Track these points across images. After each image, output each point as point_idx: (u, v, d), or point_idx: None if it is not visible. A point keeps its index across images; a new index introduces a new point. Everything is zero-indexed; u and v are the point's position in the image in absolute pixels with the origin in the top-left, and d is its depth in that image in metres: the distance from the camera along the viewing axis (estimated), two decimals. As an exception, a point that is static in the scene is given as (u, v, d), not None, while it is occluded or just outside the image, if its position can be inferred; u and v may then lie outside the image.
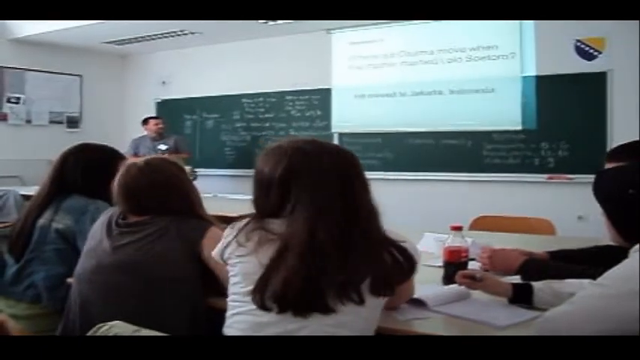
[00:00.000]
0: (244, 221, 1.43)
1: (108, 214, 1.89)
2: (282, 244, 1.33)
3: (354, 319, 1.32)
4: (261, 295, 1.31)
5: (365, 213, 1.38)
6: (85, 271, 1.78)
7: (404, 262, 1.39)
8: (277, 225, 1.37)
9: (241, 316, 1.37)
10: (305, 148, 1.41)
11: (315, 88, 6.44)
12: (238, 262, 1.40)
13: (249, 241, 1.37)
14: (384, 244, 1.37)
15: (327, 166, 1.38)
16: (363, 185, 1.41)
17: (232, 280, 1.41)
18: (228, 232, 1.45)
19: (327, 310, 1.29)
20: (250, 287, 1.34)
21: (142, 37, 6.80)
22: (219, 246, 1.47)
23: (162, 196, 1.81)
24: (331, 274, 1.29)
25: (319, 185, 1.36)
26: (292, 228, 1.33)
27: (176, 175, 1.89)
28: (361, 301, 1.31)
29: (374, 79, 6.11)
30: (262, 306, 1.31)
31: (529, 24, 5.28)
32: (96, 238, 1.83)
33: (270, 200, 1.39)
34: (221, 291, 1.54)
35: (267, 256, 1.34)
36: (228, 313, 1.41)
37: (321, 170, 1.37)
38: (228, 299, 1.42)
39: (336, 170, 1.39)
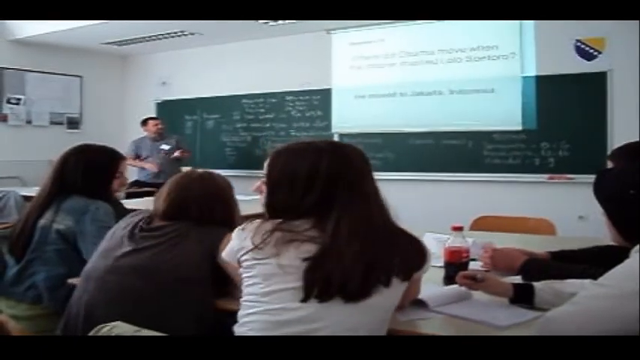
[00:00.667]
0: (256, 223, 1.45)
1: (133, 217, 1.88)
2: (327, 240, 1.36)
3: (381, 302, 1.38)
4: (309, 288, 1.34)
5: (384, 205, 1.48)
6: (98, 270, 1.76)
7: (419, 250, 1.47)
8: (302, 225, 1.39)
9: (256, 316, 1.38)
10: (338, 145, 1.55)
11: (316, 88, 6.44)
12: (257, 264, 1.40)
13: (267, 244, 1.39)
14: (403, 232, 1.47)
15: (356, 163, 1.48)
16: (375, 181, 1.51)
17: (249, 281, 1.42)
18: (242, 235, 1.46)
19: (367, 294, 1.34)
20: (270, 288, 1.36)
21: (142, 37, 6.80)
22: (232, 247, 1.48)
23: (209, 206, 1.84)
24: (383, 260, 1.38)
25: (356, 181, 1.45)
26: (343, 221, 1.38)
27: (225, 189, 1.94)
28: (388, 284, 1.37)
29: (374, 79, 6.10)
30: (305, 299, 1.34)
31: (529, 24, 5.28)
32: (116, 239, 1.81)
33: (304, 198, 1.42)
34: (231, 292, 1.54)
35: (291, 257, 1.36)
36: (242, 313, 1.42)
37: (354, 168, 1.47)
38: (243, 299, 1.43)
39: (361, 167, 1.49)
